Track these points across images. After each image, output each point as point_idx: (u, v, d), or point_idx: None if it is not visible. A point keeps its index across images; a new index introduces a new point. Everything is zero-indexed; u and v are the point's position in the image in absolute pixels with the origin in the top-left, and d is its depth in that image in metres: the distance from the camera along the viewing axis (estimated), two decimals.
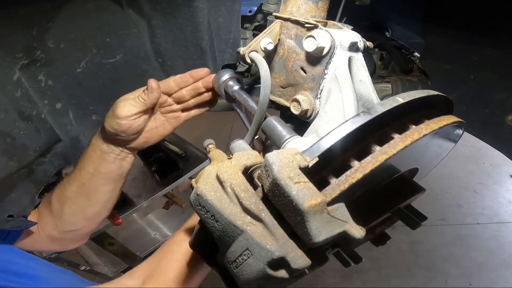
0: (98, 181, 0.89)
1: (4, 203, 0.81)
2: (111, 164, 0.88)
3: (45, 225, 0.94)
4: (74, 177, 0.90)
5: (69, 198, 0.91)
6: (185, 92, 0.87)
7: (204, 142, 0.88)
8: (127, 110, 0.79)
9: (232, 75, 0.86)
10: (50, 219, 0.93)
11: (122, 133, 0.82)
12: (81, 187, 0.90)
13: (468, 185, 3.53)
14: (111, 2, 0.85)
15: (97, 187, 0.91)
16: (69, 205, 0.92)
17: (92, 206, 0.94)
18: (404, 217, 0.65)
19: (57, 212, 0.92)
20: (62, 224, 0.94)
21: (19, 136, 0.78)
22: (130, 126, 0.81)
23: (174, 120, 0.92)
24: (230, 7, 0.91)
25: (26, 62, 0.78)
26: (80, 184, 0.90)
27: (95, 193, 0.92)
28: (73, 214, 0.93)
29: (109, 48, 0.91)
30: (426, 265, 2.78)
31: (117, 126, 0.80)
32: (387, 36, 1.29)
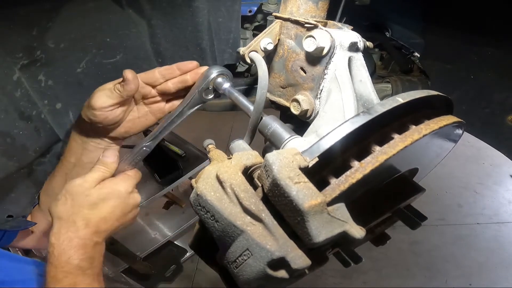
0: (81, 170, 0.86)
1: (4, 203, 0.81)
2: (92, 153, 0.86)
3: (38, 222, 0.93)
4: (58, 169, 0.89)
5: (55, 189, 0.89)
6: (171, 84, 0.84)
7: (204, 142, 0.88)
8: (102, 101, 0.77)
9: (221, 72, 0.84)
10: (40, 215, 0.93)
11: (98, 123, 0.79)
12: (64, 177, 0.87)
13: (468, 185, 3.53)
14: (111, 2, 0.85)
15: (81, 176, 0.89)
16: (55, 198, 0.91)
17: None
18: (404, 217, 0.65)
19: (45, 206, 0.91)
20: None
21: (19, 136, 0.78)
22: (106, 117, 0.79)
23: (158, 111, 0.89)
24: (230, 7, 0.91)
25: (26, 62, 0.78)
26: (63, 174, 0.88)
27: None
28: None
29: (109, 48, 0.91)
30: (426, 265, 2.78)
31: (92, 117, 0.78)
32: (387, 36, 1.29)
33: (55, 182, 0.90)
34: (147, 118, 0.89)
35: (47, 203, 0.90)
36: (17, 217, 0.83)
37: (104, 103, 0.77)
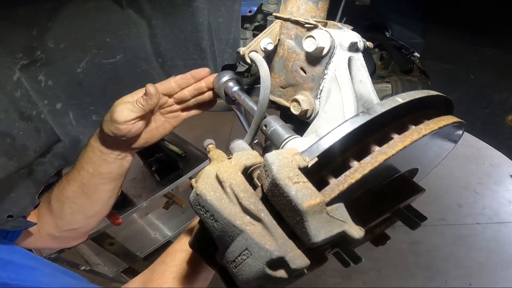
0: (98, 180, 0.90)
1: (4, 203, 0.81)
2: (111, 164, 0.89)
3: (45, 225, 0.95)
4: (73, 177, 0.90)
5: (69, 198, 0.91)
6: (187, 92, 0.87)
7: (204, 142, 0.88)
8: (126, 115, 0.79)
9: (232, 76, 0.87)
10: (50, 219, 0.94)
11: (122, 136, 0.82)
12: (80, 187, 0.90)
13: (468, 185, 3.53)
14: (111, 2, 0.85)
15: (97, 186, 0.91)
16: (69, 205, 0.92)
17: (92, 205, 0.95)
18: (403, 217, 0.65)
19: (57, 212, 0.92)
20: (62, 223, 0.94)
21: (19, 136, 0.78)
22: (130, 130, 0.81)
23: (174, 119, 0.92)
24: (230, 7, 0.91)
25: (26, 62, 0.78)
26: (79, 184, 0.90)
27: (95, 192, 0.92)
28: (73, 214, 0.94)
29: (109, 48, 0.91)
30: (426, 265, 2.78)
31: (116, 131, 0.80)
32: (387, 36, 1.29)
33: (70, 190, 0.91)
34: (164, 127, 0.92)
35: (59, 209, 0.91)
36: (17, 217, 0.83)
37: (127, 117, 0.79)
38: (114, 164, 0.89)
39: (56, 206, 0.92)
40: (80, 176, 0.89)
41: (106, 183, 0.92)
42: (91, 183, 0.89)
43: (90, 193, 0.91)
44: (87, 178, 0.89)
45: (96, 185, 0.90)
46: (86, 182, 0.89)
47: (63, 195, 0.92)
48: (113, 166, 0.89)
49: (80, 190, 0.90)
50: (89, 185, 0.89)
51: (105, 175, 0.89)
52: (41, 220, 0.94)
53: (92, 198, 0.93)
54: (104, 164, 0.88)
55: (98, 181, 0.90)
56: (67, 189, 0.91)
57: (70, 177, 0.91)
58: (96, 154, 0.87)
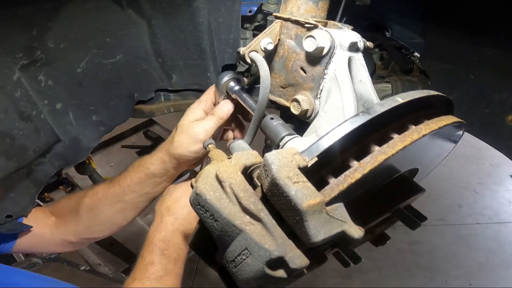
0: (140, 198, 0.93)
1: (4, 203, 0.81)
2: (158, 186, 0.92)
3: (64, 229, 0.95)
4: (114, 193, 0.92)
5: (105, 210, 0.93)
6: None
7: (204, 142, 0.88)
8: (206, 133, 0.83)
9: (232, 76, 0.87)
10: (73, 225, 0.95)
11: (201, 153, 0.85)
12: (120, 202, 0.92)
13: (468, 185, 3.53)
14: (111, 2, 0.85)
15: (137, 205, 0.95)
16: (102, 218, 0.94)
17: (124, 221, 0.98)
18: (403, 218, 0.65)
19: (85, 220, 0.94)
20: (85, 232, 0.96)
21: (18, 136, 0.78)
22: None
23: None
24: (230, 7, 0.91)
25: (26, 62, 0.78)
26: (119, 200, 0.92)
27: (132, 210, 0.96)
28: (102, 226, 0.97)
29: (109, 48, 0.91)
30: (426, 265, 2.78)
31: (196, 148, 0.83)
32: (387, 36, 1.29)
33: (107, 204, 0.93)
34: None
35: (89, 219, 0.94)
36: (16, 217, 0.83)
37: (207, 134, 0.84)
38: (160, 186, 0.93)
39: (86, 215, 0.94)
40: (124, 194, 0.92)
41: (145, 202, 0.95)
42: (132, 201, 0.93)
43: (127, 210, 0.95)
44: (129, 196, 0.92)
45: (136, 204, 0.94)
46: (128, 200, 0.92)
47: (98, 206, 0.93)
48: (159, 188, 0.93)
49: (119, 206, 0.93)
50: (130, 202, 0.93)
51: (148, 195, 0.93)
52: (62, 224, 0.95)
53: (127, 214, 0.96)
54: (153, 186, 0.91)
55: (140, 200, 0.93)
56: (103, 201, 0.93)
57: (109, 192, 0.93)
58: (149, 177, 0.90)
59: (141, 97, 1.03)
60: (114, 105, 0.99)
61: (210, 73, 1.00)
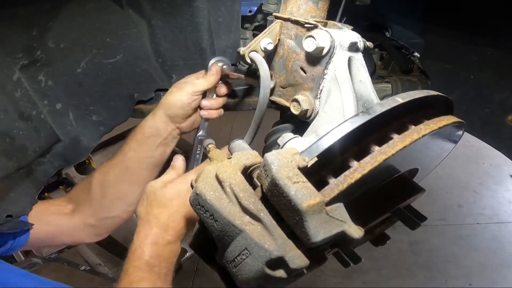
0: (142, 165, 0.93)
1: (4, 203, 0.81)
2: (155, 149, 0.93)
3: (82, 212, 0.95)
4: (119, 160, 0.94)
5: (112, 182, 0.94)
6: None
7: (204, 142, 0.88)
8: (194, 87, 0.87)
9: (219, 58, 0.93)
10: (88, 205, 0.95)
11: (187, 105, 0.88)
12: (124, 170, 0.93)
13: (468, 185, 3.53)
14: (111, 2, 0.85)
15: (140, 171, 0.94)
16: (111, 191, 0.94)
17: (133, 193, 0.96)
18: (403, 218, 0.65)
19: (97, 197, 0.94)
20: (101, 210, 0.96)
21: (18, 136, 0.78)
22: (193, 101, 0.89)
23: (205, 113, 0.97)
24: (230, 7, 0.91)
25: (26, 62, 0.78)
26: (124, 167, 0.93)
27: (137, 178, 0.94)
28: (114, 200, 0.96)
29: (109, 48, 0.91)
30: (426, 265, 2.78)
31: (185, 99, 0.87)
32: (387, 36, 1.29)
33: (114, 174, 0.94)
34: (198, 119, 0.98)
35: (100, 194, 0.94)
36: (16, 217, 0.83)
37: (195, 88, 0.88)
38: (158, 150, 0.93)
39: (97, 191, 0.94)
40: (126, 158, 0.93)
41: (147, 169, 0.95)
42: (135, 166, 0.93)
43: (133, 179, 0.94)
44: (132, 161, 0.92)
45: (139, 170, 0.93)
46: (131, 166, 0.92)
47: (106, 180, 0.94)
48: (156, 152, 0.93)
49: (124, 174, 0.93)
50: (133, 169, 0.93)
51: (148, 160, 0.93)
52: (78, 207, 0.95)
53: (134, 184, 0.95)
54: (150, 148, 0.92)
55: (142, 165, 0.93)
56: (110, 173, 0.94)
57: (114, 162, 0.94)
58: (145, 135, 0.91)
59: (141, 97, 1.03)
60: (114, 105, 0.99)
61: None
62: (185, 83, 0.89)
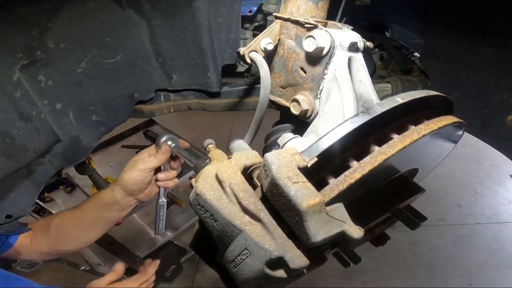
0: (98, 223, 1.09)
1: (3, 203, 0.81)
2: (113, 212, 1.06)
3: (38, 243, 1.09)
4: (76, 215, 1.08)
5: (68, 230, 1.08)
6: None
7: (204, 142, 0.88)
8: (144, 165, 0.98)
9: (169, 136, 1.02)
10: (44, 240, 1.10)
11: (140, 182, 1.00)
12: (81, 223, 1.08)
13: (468, 185, 3.53)
14: (111, 2, 0.85)
15: (96, 227, 1.10)
16: (66, 236, 1.10)
17: (87, 238, 1.14)
18: (403, 218, 0.65)
19: (54, 238, 1.09)
20: (56, 246, 1.12)
21: (18, 136, 0.78)
22: (145, 177, 0.99)
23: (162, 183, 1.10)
24: (230, 7, 0.91)
25: (26, 62, 0.78)
26: (80, 221, 1.07)
27: (93, 229, 1.11)
28: (69, 242, 1.13)
29: (109, 48, 0.90)
30: (426, 265, 2.78)
31: (137, 177, 0.98)
32: (387, 36, 1.29)
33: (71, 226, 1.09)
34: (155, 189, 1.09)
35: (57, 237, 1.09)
36: (16, 217, 0.83)
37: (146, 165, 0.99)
38: (115, 213, 1.06)
39: (54, 234, 1.08)
40: (83, 217, 1.07)
41: (103, 225, 1.11)
42: (92, 223, 1.08)
43: (88, 229, 1.10)
44: (89, 219, 1.07)
45: (96, 225, 1.10)
46: (87, 221, 1.07)
47: (63, 226, 1.08)
48: (114, 214, 1.07)
49: (80, 226, 1.08)
50: (89, 224, 1.08)
51: (105, 219, 1.08)
52: (36, 239, 1.10)
53: (89, 232, 1.12)
54: (107, 212, 1.06)
55: (98, 223, 1.09)
56: (67, 223, 1.08)
57: (73, 214, 1.08)
58: (104, 203, 1.04)
59: (141, 97, 1.03)
60: (114, 105, 0.99)
61: (210, 73, 1.00)
62: (137, 161, 1.00)
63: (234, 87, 1.10)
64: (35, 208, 2.03)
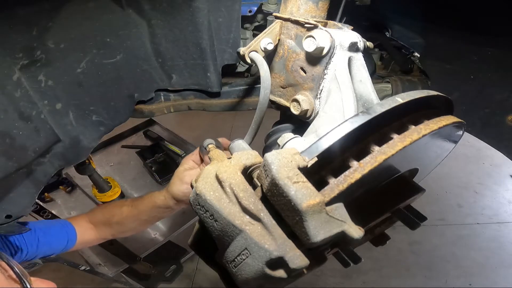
0: (152, 220, 1.26)
1: (3, 203, 0.81)
2: (166, 213, 1.20)
3: (102, 232, 1.29)
4: (133, 215, 1.23)
5: (128, 224, 1.26)
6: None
7: (204, 142, 0.88)
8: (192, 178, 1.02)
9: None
10: (108, 231, 1.30)
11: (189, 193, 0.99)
12: (138, 220, 1.25)
13: (468, 185, 3.53)
14: (111, 2, 0.85)
15: (150, 222, 1.28)
16: (127, 229, 1.29)
17: (142, 229, 1.39)
18: (403, 218, 0.65)
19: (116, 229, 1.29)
20: (117, 234, 1.33)
21: (18, 136, 0.78)
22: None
23: None
24: (230, 7, 0.91)
25: (26, 62, 0.78)
26: (137, 219, 1.24)
27: (146, 224, 1.32)
28: (127, 232, 1.33)
29: (109, 48, 0.90)
30: (426, 265, 2.78)
31: (186, 190, 1.04)
32: (387, 36, 1.29)
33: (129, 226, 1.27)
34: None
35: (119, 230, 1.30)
36: (16, 217, 0.83)
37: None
38: (167, 213, 1.20)
39: (117, 227, 1.27)
40: (139, 215, 1.22)
41: (156, 220, 1.28)
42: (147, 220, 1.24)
43: (143, 224, 1.29)
44: (145, 217, 1.22)
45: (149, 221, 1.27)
46: (143, 219, 1.23)
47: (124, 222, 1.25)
48: (166, 213, 1.21)
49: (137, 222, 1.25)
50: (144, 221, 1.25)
51: (158, 217, 1.24)
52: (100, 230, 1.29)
53: (143, 226, 1.33)
54: (161, 213, 1.19)
55: (152, 219, 1.25)
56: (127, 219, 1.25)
57: (130, 214, 1.23)
58: (156, 207, 1.16)
59: (141, 97, 1.03)
60: (114, 105, 0.99)
61: (210, 73, 1.00)
62: (184, 174, 1.05)
63: (234, 87, 1.10)
64: (35, 208, 2.04)
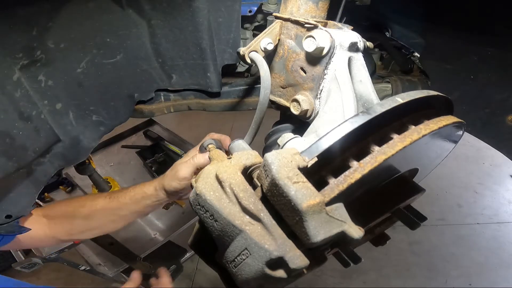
0: (132, 217, 1.08)
1: (3, 203, 0.81)
2: (151, 208, 1.06)
3: (57, 230, 1.05)
4: (112, 207, 1.05)
5: (98, 219, 1.06)
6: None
7: (204, 142, 0.88)
8: (185, 172, 0.94)
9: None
10: (67, 228, 1.06)
11: (180, 192, 0.98)
12: (114, 216, 1.06)
13: (468, 185, 3.52)
14: (111, 2, 0.85)
15: (128, 219, 1.09)
16: (95, 225, 1.07)
17: (113, 229, 1.12)
18: (403, 218, 0.65)
19: (80, 226, 1.06)
20: (77, 234, 1.09)
21: (18, 136, 0.78)
22: (187, 184, 0.96)
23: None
24: (230, 7, 0.91)
25: (26, 62, 0.78)
26: (114, 213, 1.06)
27: (122, 222, 1.09)
28: (93, 231, 1.11)
29: (109, 48, 0.90)
30: (426, 265, 2.78)
31: (178, 186, 0.96)
32: (387, 36, 1.29)
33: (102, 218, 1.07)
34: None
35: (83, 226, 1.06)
36: (16, 217, 0.83)
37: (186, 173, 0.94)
38: (150, 208, 1.06)
39: (82, 222, 1.06)
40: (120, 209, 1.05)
41: (135, 217, 1.11)
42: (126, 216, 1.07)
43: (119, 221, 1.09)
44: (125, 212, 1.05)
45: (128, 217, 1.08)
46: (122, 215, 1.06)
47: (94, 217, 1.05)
48: (149, 209, 1.07)
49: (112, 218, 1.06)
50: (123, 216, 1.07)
51: (139, 213, 1.08)
52: (55, 227, 1.05)
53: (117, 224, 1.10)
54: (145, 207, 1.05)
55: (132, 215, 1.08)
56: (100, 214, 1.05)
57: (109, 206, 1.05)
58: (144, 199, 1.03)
59: (141, 97, 1.03)
60: (114, 105, 0.99)
61: (210, 73, 1.00)
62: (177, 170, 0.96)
63: (234, 87, 1.10)
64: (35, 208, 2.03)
